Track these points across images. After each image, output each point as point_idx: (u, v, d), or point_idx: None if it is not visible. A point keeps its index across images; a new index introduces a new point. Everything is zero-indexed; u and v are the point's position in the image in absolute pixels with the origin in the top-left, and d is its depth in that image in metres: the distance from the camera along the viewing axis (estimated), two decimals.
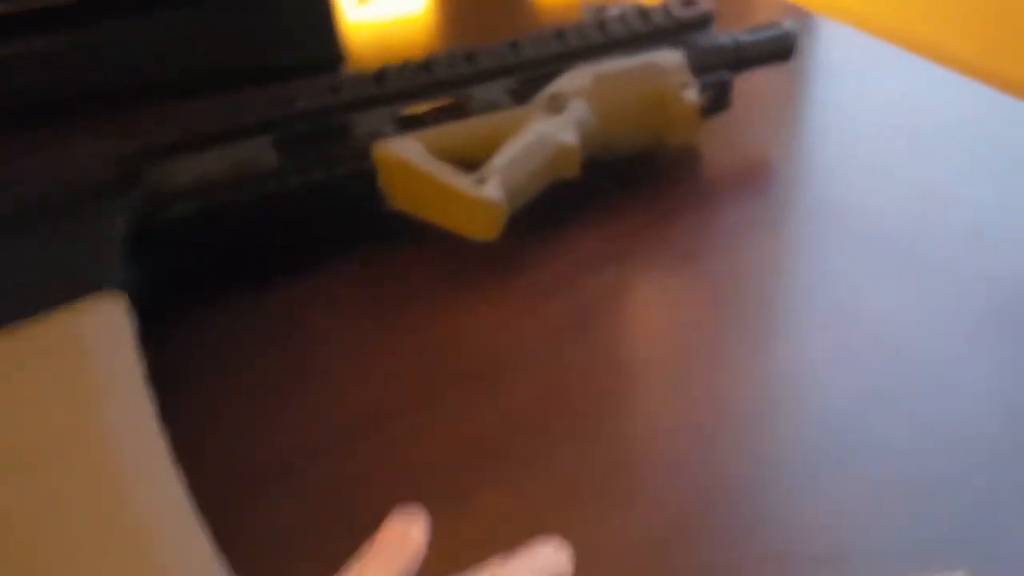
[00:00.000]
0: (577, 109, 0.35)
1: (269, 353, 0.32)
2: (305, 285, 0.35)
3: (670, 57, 0.36)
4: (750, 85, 0.45)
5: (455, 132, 0.35)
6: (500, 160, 0.33)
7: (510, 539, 0.23)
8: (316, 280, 0.35)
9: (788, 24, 0.39)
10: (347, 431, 0.29)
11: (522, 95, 0.36)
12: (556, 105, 0.35)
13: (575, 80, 0.36)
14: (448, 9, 0.57)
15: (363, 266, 0.35)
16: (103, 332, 0.28)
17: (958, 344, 0.30)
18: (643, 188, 0.38)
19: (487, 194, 0.32)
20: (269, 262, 0.35)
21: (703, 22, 0.38)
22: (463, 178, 0.33)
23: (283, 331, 0.33)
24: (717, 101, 0.38)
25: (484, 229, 0.33)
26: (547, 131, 0.34)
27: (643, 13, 0.38)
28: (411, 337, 0.32)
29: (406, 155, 0.34)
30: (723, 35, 0.38)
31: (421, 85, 0.35)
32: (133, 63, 0.46)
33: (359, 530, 0.23)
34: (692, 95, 0.36)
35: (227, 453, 0.28)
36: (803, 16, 0.51)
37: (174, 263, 0.33)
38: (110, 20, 0.44)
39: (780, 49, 0.39)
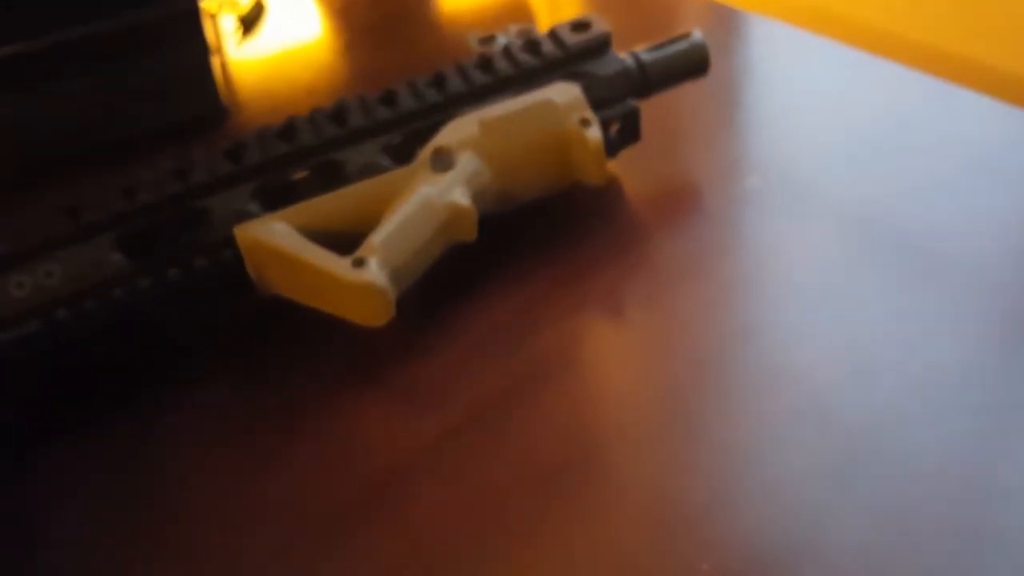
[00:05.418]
0: (467, 163, 0.31)
1: (115, 509, 0.27)
2: (165, 408, 0.30)
3: (565, 92, 0.32)
4: (673, 98, 0.41)
5: (329, 205, 0.31)
6: (380, 235, 0.29)
7: None
8: (179, 399, 0.30)
9: (696, 35, 0.35)
10: None
11: (404, 152, 0.32)
12: (442, 161, 0.31)
13: (460, 130, 0.31)
14: (344, 34, 0.52)
15: (234, 374, 0.31)
16: None
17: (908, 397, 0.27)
18: (557, 238, 0.34)
19: (366, 278, 0.28)
20: (122, 383, 0.30)
21: (600, 47, 0.33)
22: (339, 260, 0.29)
23: (138, 476, 0.28)
24: (625, 134, 0.34)
25: (370, 315, 0.29)
26: (434, 193, 0.30)
27: (532, 44, 0.33)
28: (298, 458, 0.28)
29: (272, 239, 0.29)
30: (626, 57, 0.34)
31: (283, 155, 0.31)
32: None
33: None
34: (594, 133, 0.32)
35: None
36: (729, 16, 0.47)
37: (13, 397, 0.29)
38: None
39: (691, 65, 0.35)
